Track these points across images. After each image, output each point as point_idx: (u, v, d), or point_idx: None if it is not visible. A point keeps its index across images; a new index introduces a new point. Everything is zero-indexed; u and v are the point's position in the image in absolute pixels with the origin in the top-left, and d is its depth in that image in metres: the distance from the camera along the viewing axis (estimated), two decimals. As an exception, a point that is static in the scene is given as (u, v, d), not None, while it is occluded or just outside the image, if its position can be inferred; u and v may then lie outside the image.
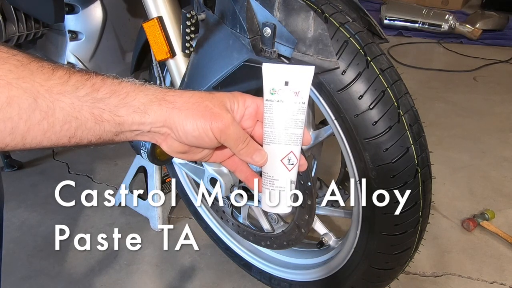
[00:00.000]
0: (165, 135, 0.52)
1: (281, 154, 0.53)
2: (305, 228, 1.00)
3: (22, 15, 1.40)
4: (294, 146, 0.53)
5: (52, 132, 0.48)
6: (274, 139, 0.52)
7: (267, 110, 0.52)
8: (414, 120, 0.79)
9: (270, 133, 0.52)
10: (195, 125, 0.50)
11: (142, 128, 0.51)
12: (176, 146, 0.53)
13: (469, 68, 2.83)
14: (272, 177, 0.53)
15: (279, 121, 0.52)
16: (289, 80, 0.51)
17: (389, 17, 3.49)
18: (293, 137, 0.52)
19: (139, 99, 0.50)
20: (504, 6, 3.90)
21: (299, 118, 0.52)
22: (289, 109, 0.51)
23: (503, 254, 1.37)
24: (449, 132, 2.05)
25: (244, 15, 0.76)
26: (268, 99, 0.52)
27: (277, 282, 1.17)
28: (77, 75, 0.49)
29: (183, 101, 0.51)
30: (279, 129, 0.52)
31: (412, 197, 0.81)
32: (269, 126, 0.52)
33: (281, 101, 0.51)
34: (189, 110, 0.50)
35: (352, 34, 0.75)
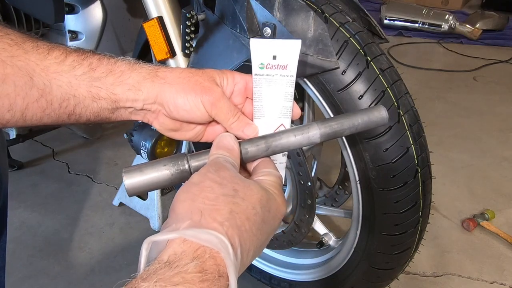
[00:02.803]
0: (156, 112, 0.53)
1: (272, 126, 0.53)
2: (305, 228, 1.00)
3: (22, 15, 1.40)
4: (284, 119, 0.53)
5: (51, 109, 0.50)
6: (265, 112, 0.53)
7: (256, 85, 0.52)
8: (414, 120, 0.79)
9: (260, 107, 0.53)
10: (185, 99, 0.50)
11: (136, 105, 0.52)
12: (167, 123, 0.54)
13: (469, 68, 2.83)
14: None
15: (269, 95, 0.52)
16: (277, 54, 0.51)
17: (389, 17, 3.49)
18: (283, 110, 0.53)
19: (133, 77, 0.51)
20: (504, 6, 3.91)
21: (288, 91, 0.52)
22: (278, 83, 0.52)
23: (503, 254, 1.37)
24: (449, 132, 2.05)
25: (244, 15, 0.76)
26: (257, 74, 0.52)
27: (277, 282, 1.17)
28: (74, 55, 0.50)
29: (174, 76, 0.52)
30: (269, 102, 0.52)
31: (412, 197, 0.81)
32: (258, 100, 0.53)
33: (270, 75, 0.52)
34: (180, 84, 0.51)
35: (352, 34, 0.75)
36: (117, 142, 1.91)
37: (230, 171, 0.44)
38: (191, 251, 0.36)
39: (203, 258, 0.35)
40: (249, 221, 0.40)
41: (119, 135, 1.95)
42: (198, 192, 0.41)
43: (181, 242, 0.36)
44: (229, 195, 0.41)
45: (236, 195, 0.41)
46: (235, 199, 0.41)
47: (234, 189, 0.42)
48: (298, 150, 0.90)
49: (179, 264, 0.34)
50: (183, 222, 0.38)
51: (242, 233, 0.39)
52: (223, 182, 0.42)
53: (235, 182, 0.43)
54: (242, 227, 0.40)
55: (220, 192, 0.41)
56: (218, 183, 0.42)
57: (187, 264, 0.34)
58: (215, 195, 0.41)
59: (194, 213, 0.39)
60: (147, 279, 0.33)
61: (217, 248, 0.36)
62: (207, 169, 0.44)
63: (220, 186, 0.42)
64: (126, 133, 1.13)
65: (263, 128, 0.53)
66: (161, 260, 0.35)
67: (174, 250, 0.36)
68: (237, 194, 0.41)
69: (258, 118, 0.53)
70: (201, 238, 0.36)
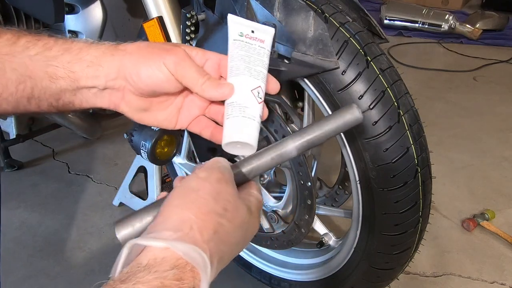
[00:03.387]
0: (121, 90, 0.50)
1: (251, 85, 0.51)
2: (305, 228, 1.00)
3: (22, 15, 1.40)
4: (262, 82, 0.52)
5: (8, 93, 0.48)
6: (244, 71, 0.51)
7: (234, 47, 0.52)
8: (414, 120, 0.79)
9: (239, 66, 0.51)
10: (147, 65, 0.47)
11: (98, 83, 0.49)
12: (135, 101, 0.51)
13: (469, 68, 2.83)
14: (242, 105, 0.50)
15: (248, 56, 0.52)
16: (255, 30, 0.53)
17: (389, 17, 3.49)
18: (260, 75, 0.52)
19: (92, 53, 0.48)
20: (504, 6, 3.90)
21: (264, 60, 0.53)
22: (256, 51, 0.52)
23: (503, 254, 1.37)
24: (449, 132, 2.05)
25: (244, 15, 0.76)
26: (236, 39, 0.52)
27: (277, 282, 1.17)
28: (28, 37, 0.49)
29: (135, 46, 0.49)
30: (248, 63, 0.51)
31: (412, 197, 0.81)
32: (237, 60, 0.51)
33: (249, 43, 0.52)
34: (141, 52, 0.48)
35: (352, 34, 0.75)
36: (117, 142, 1.91)
37: (228, 184, 0.44)
38: (172, 259, 0.36)
39: (184, 269, 0.36)
40: (228, 244, 0.42)
41: (119, 135, 1.95)
42: (192, 202, 0.40)
43: (164, 249, 0.36)
44: (218, 214, 0.41)
45: (224, 215, 0.41)
46: (222, 219, 0.41)
47: (224, 208, 0.41)
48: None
49: (158, 269, 0.35)
50: (172, 231, 0.38)
51: (220, 254, 0.40)
52: (218, 197, 0.42)
53: (228, 200, 0.42)
54: (222, 248, 0.41)
55: (212, 207, 0.41)
56: (213, 197, 0.41)
57: (167, 271, 0.35)
58: (207, 210, 0.40)
59: (184, 225, 0.38)
60: (125, 281, 0.34)
61: (198, 267, 0.37)
62: (208, 175, 0.43)
63: (214, 201, 0.41)
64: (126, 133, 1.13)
65: (241, 84, 0.51)
66: (139, 263, 0.36)
67: (155, 255, 0.36)
68: (225, 214, 0.41)
69: (237, 75, 0.51)
70: (190, 255, 0.36)
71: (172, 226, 0.38)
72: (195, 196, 0.41)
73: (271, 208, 1.07)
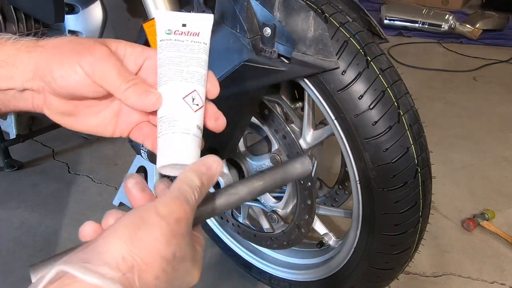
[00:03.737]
0: (41, 91, 0.44)
1: (183, 91, 0.44)
2: (305, 228, 1.00)
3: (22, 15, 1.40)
4: (198, 85, 0.44)
5: None
6: (173, 76, 0.44)
7: (162, 50, 0.45)
8: (414, 120, 0.79)
9: (168, 70, 0.44)
10: (60, 64, 0.41)
11: (14, 86, 0.43)
12: (56, 104, 0.44)
13: (469, 68, 2.83)
14: (171, 118, 0.43)
15: (178, 57, 0.44)
16: (186, 23, 0.46)
17: (389, 17, 3.49)
18: (196, 76, 0.45)
19: (6, 51, 0.43)
20: (504, 6, 3.90)
21: (201, 57, 0.45)
22: (189, 48, 0.45)
23: (503, 254, 1.37)
24: (449, 132, 2.05)
25: (244, 15, 0.76)
26: (164, 39, 0.45)
27: (277, 282, 1.17)
28: None
29: (55, 42, 0.43)
30: (179, 65, 0.44)
31: (412, 197, 0.81)
32: (165, 64, 0.44)
33: (179, 40, 0.45)
34: (57, 49, 0.42)
35: (352, 34, 0.75)
36: (117, 142, 1.91)
37: (186, 227, 0.38)
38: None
39: None
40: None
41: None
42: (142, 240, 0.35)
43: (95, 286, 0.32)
44: (166, 260, 0.36)
45: (171, 262, 0.36)
46: (168, 266, 0.36)
47: (174, 254, 0.36)
48: (298, 150, 0.90)
49: None
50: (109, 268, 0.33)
51: None
52: (172, 240, 0.36)
53: (180, 246, 0.37)
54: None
55: (162, 252, 0.36)
56: (166, 241, 0.36)
57: None
58: (156, 252, 0.35)
59: (125, 264, 0.34)
60: None
61: None
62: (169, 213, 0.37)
63: (166, 244, 0.36)
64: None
65: (171, 93, 0.43)
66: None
67: None
68: (172, 261, 0.36)
69: (165, 83, 0.44)
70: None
71: (111, 261, 0.33)
72: (147, 234, 0.35)
73: (271, 208, 1.07)
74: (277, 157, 0.96)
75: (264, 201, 1.08)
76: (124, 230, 0.35)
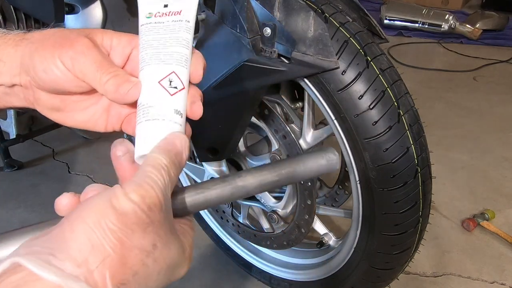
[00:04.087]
0: (29, 86, 0.42)
1: (159, 74, 0.41)
2: (305, 228, 1.00)
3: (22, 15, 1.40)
4: (177, 66, 0.41)
5: None
6: (150, 60, 0.41)
7: (142, 34, 0.42)
8: (414, 120, 0.79)
9: (145, 55, 0.41)
10: (42, 57, 0.39)
11: (3, 81, 0.42)
12: (44, 99, 0.42)
13: (469, 68, 2.83)
14: (146, 105, 0.40)
15: (157, 41, 0.42)
16: (168, 3, 0.43)
17: (389, 17, 3.49)
18: (175, 55, 0.41)
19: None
20: (504, 6, 3.90)
21: (182, 36, 0.42)
22: (169, 28, 0.42)
23: (503, 254, 1.37)
24: (449, 132, 2.05)
25: (244, 15, 0.76)
26: (144, 24, 0.43)
27: (277, 282, 1.17)
28: None
29: (41, 34, 0.41)
30: (157, 48, 0.42)
31: (412, 197, 0.81)
32: (143, 50, 0.42)
33: (160, 22, 0.43)
34: (40, 42, 0.40)
35: (352, 34, 0.75)
36: (117, 142, 1.91)
37: (164, 213, 0.34)
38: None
39: None
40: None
41: (119, 135, 1.94)
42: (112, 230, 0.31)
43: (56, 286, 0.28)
44: (145, 251, 0.32)
45: (151, 253, 0.32)
46: (148, 259, 0.32)
47: (153, 243, 0.33)
48: (298, 150, 0.90)
49: None
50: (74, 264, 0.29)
51: None
52: (148, 228, 0.32)
53: (159, 235, 0.33)
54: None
55: (139, 242, 0.32)
56: (142, 229, 0.32)
57: None
58: (131, 244, 0.31)
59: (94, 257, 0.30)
60: None
61: None
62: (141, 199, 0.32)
63: (142, 233, 0.32)
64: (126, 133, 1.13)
65: (147, 78, 0.41)
66: None
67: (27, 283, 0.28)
68: (153, 253, 0.33)
69: (141, 70, 0.41)
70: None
71: (78, 254, 0.29)
72: (118, 223, 0.31)
73: (271, 208, 1.07)
74: (277, 157, 0.96)
75: (264, 201, 1.08)
76: (93, 217, 0.31)
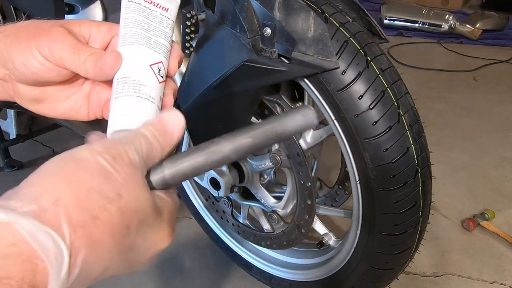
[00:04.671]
0: (8, 79, 0.42)
1: (150, 58, 0.41)
2: (305, 228, 1.00)
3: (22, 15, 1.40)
4: (164, 58, 0.42)
5: None
6: (141, 40, 0.41)
7: (130, 11, 0.42)
8: (414, 120, 0.79)
9: (136, 33, 0.41)
10: (19, 50, 0.39)
11: None
12: (23, 92, 0.42)
13: (469, 68, 2.83)
14: (137, 82, 0.40)
15: (147, 25, 0.42)
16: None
17: (389, 17, 3.49)
18: (162, 48, 0.42)
19: None
20: (504, 6, 3.90)
21: (167, 31, 0.43)
22: (157, 18, 0.43)
23: (503, 254, 1.37)
24: (449, 132, 2.05)
25: (244, 15, 0.76)
26: (132, 1, 0.42)
27: (277, 282, 1.17)
28: None
29: (14, 27, 0.41)
30: (147, 32, 0.42)
31: (412, 197, 0.81)
32: (132, 26, 0.41)
33: (149, 8, 0.43)
34: (15, 35, 0.40)
35: (352, 34, 0.75)
36: (117, 142, 1.91)
37: (131, 165, 0.32)
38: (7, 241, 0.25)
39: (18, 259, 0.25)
40: (113, 240, 0.30)
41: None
42: (69, 174, 0.29)
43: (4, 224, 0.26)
44: (107, 197, 0.30)
45: (115, 201, 0.30)
46: (111, 205, 0.30)
47: (119, 193, 0.30)
48: (298, 150, 0.90)
49: None
50: (24, 202, 0.28)
51: (93, 251, 0.28)
52: (112, 177, 0.30)
53: (127, 187, 0.31)
54: (99, 244, 0.29)
55: (99, 186, 0.30)
56: (104, 175, 0.30)
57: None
58: (90, 187, 0.29)
59: (47, 196, 0.28)
60: None
61: (47, 260, 0.26)
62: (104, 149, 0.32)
63: (105, 179, 0.30)
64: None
65: (137, 56, 0.41)
66: None
67: None
68: (117, 201, 0.30)
69: (132, 44, 0.41)
70: (38, 240, 0.26)
71: (29, 194, 0.28)
72: (78, 166, 0.30)
73: (271, 208, 1.07)
74: (277, 157, 0.96)
75: (264, 201, 1.08)
76: (51, 165, 0.31)
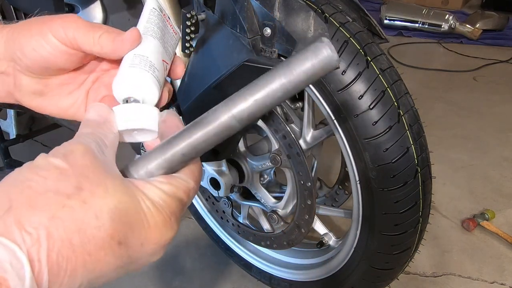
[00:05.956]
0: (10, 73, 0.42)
1: (164, 55, 0.44)
2: (305, 228, 1.00)
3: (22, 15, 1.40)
4: (170, 61, 0.45)
5: None
6: (159, 39, 0.44)
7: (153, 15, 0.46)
8: (414, 120, 0.79)
9: (156, 30, 0.44)
10: (29, 35, 0.39)
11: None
12: (27, 83, 0.42)
13: (469, 68, 2.83)
14: (153, 65, 0.41)
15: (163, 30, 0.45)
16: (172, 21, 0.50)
17: (389, 17, 3.49)
18: (170, 56, 0.45)
19: None
20: (504, 6, 3.90)
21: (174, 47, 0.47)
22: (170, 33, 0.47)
23: (503, 254, 1.37)
24: (449, 132, 2.05)
25: (244, 15, 0.76)
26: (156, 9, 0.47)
27: (277, 282, 1.17)
28: None
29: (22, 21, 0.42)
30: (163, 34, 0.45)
31: (412, 197, 0.81)
32: (154, 25, 0.45)
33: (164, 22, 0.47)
34: (25, 25, 0.40)
35: (352, 34, 0.75)
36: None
37: (86, 156, 0.30)
38: None
39: None
40: (84, 236, 0.27)
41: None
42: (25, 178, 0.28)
43: None
44: (63, 194, 0.27)
45: (76, 195, 0.28)
46: (71, 200, 0.27)
47: (78, 186, 0.28)
48: (298, 150, 0.90)
49: None
50: None
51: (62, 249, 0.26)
52: (67, 172, 0.28)
53: (85, 176, 0.29)
54: (66, 242, 0.26)
55: (54, 185, 0.28)
56: (57, 173, 0.28)
57: None
58: (45, 189, 0.27)
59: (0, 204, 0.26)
60: None
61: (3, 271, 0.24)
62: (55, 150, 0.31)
63: (58, 177, 0.28)
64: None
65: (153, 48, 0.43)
66: None
67: None
68: (78, 194, 0.28)
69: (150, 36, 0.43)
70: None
71: None
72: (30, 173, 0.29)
73: (271, 208, 1.07)
74: (277, 157, 0.96)
75: (264, 201, 1.08)
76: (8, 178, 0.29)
